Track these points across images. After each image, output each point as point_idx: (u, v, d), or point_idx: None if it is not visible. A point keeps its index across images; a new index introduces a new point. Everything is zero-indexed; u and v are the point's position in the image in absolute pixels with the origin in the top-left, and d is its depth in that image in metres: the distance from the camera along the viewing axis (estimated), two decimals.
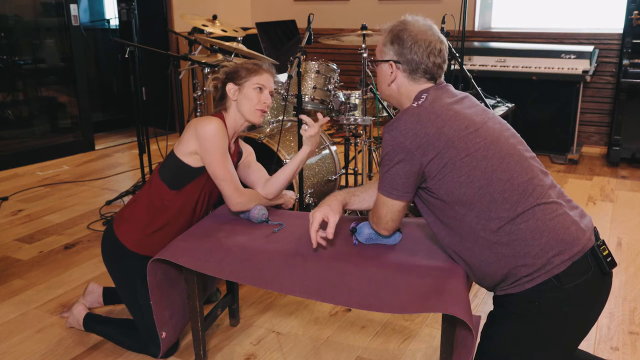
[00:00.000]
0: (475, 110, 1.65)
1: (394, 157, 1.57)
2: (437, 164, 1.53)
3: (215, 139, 2.01)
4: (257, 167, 2.28)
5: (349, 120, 3.25)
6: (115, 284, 2.22)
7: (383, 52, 1.71)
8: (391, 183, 1.59)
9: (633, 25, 4.48)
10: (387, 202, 1.63)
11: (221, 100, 2.15)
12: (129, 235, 2.11)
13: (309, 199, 3.07)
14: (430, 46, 1.65)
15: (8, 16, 4.72)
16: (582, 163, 4.77)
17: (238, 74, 2.12)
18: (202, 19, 4.03)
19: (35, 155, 4.84)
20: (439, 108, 1.58)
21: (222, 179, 2.04)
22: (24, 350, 2.25)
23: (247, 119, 2.13)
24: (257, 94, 2.10)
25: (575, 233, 1.52)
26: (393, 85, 1.71)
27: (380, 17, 5.75)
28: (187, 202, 2.10)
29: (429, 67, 1.66)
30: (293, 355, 2.21)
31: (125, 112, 6.01)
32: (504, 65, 4.70)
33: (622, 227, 3.41)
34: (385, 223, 1.69)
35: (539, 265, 1.50)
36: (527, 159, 1.59)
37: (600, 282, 1.55)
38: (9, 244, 3.23)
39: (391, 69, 1.69)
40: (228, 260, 1.84)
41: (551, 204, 1.54)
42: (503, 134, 1.61)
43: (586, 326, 1.59)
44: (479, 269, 1.60)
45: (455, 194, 1.54)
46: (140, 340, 2.16)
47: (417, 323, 2.41)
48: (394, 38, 1.67)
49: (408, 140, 1.54)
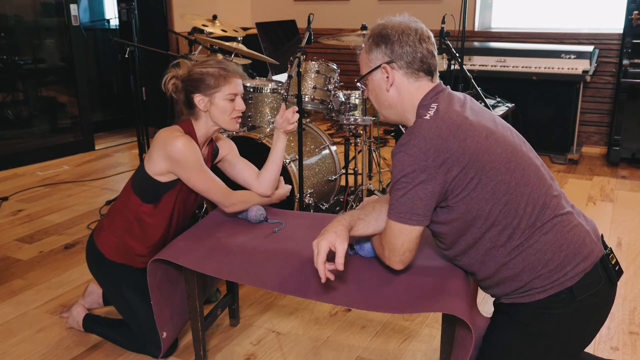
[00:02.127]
0: (483, 115, 1.54)
1: (414, 178, 1.41)
2: (462, 179, 1.42)
3: (187, 156, 1.95)
4: (244, 164, 2.23)
5: (349, 120, 3.25)
6: (104, 292, 2.22)
7: (370, 60, 1.57)
8: (411, 207, 1.44)
9: (633, 25, 4.47)
10: (404, 230, 1.47)
11: (189, 108, 2.04)
12: (107, 244, 2.12)
13: (309, 199, 3.07)
14: (418, 33, 1.53)
15: (8, 16, 4.72)
16: (582, 163, 4.77)
17: (206, 83, 1.99)
18: (202, 19, 4.03)
19: (35, 155, 4.84)
20: (455, 117, 1.45)
21: (207, 191, 2.03)
22: (24, 350, 2.25)
23: (224, 128, 2.06)
24: (230, 104, 2.02)
25: (590, 245, 1.50)
26: (392, 91, 1.55)
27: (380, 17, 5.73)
28: (162, 213, 2.08)
29: (425, 56, 1.52)
30: (293, 355, 2.21)
31: (125, 112, 6.00)
32: (504, 65, 4.70)
33: (622, 227, 3.41)
34: (401, 255, 1.51)
35: (554, 278, 1.47)
36: (540, 168, 1.53)
37: (609, 293, 1.53)
38: (9, 244, 3.23)
39: (385, 73, 1.54)
40: (228, 260, 1.84)
41: (567, 215, 1.50)
42: (517, 142, 1.53)
43: (591, 335, 1.58)
44: (490, 280, 1.55)
45: (479, 211, 1.45)
46: (138, 341, 2.16)
47: (417, 323, 2.41)
48: (378, 39, 1.55)
49: (430, 158, 1.40)
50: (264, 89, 3.45)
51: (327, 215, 2.13)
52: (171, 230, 2.14)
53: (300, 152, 2.75)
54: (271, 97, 3.46)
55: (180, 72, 2.05)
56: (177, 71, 2.06)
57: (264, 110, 3.46)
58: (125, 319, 2.17)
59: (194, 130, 2.05)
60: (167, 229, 2.12)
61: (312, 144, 3.32)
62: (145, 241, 2.11)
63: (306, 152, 3.21)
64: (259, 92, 3.44)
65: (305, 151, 3.17)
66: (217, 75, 2.00)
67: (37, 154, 4.85)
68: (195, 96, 2.01)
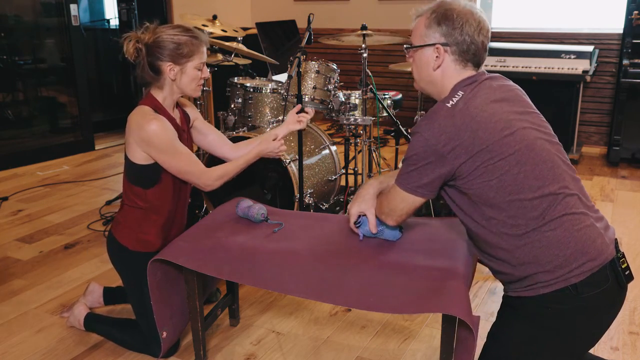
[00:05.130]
0: (516, 107, 1.56)
1: (424, 157, 1.51)
2: (470, 166, 1.49)
3: (161, 139, 1.95)
4: (209, 129, 2.25)
5: (349, 120, 3.25)
6: (124, 285, 2.22)
7: (426, 35, 1.59)
8: (417, 181, 1.55)
9: (633, 25, 4.47)
10: (408, 198, 1.59)
11: (154, 74, 2.00)
12: (128, 236, 2.12)
13: (309, 199, 3.07)
14: (480, 25, 1.56)
15: (8, 16, 4.72)
16: (582, 163, 4.77)
17: (178, 52, 1.97)
18: (202, 19, 4.03)
19: (35, 155, 4.84)
20: (473, 110, 1.50)
21: (184, 172, 2.03)
22: (24, 350, 2.25)
23: (187, 95, 2.07)
24: (198, 72, 2.03)
25: (600, 246, 1.50)
26: (438, 71, 1.60)
27: (380, 17, 5.75)
28: (166, 191, 2.09)
29: (479, 49, 1.58)
30: (293, 355, 2.21)
31: (125, 112, 5.95)
32: (504, 65, 4.70)
33: (622, 227, 3.41)
34: (398, 216, 1.66)
35: (559, 274, 1.48)
36: (561, 166, 1.54)
37: (616, 295, 1.53)
38: (9, 244, 3.23)
39: (437, 53, 1.58)
40: (228, 260, 1.84)
41: (579, 215, 1.51)
42: (540, 137, 1.55)
43: (596, 336, 1.58)
44: (498, 266, 1.59)
45: (484, 196, 1.51)
46: (141, 340, 2.16)
47: (417, 323, 2.41)
48: (441, 18, 1.56)
49: (441, 143, 1.48)
50: (264, 89, 3.45)
51: (327, 215, 2.13)
52: (182, 201, 2.17)
53: (300, 152, 2.75)
54: (271, 97, 3.46)
55: (143, 36, 2.00)
56: (139, 35, 2.00)
57: (264, 110, 3.46)
58: (137, 314, 2.17)
59: (159, 102, 2.04)
60: (176, 202, 2.14)
61: (312, 144, 3.32)
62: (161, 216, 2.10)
63: (306, 152, 3.20)
64: (259, 92, 3.44)
65: (305, 151, 3.17)
66: (190, 44, 1.99)
67: (37, 154, 4.85)
68: (165, 64, 1.98)
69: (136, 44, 1.99)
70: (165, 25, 2.04)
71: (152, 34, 2.00)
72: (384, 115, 3.45)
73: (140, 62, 2.00)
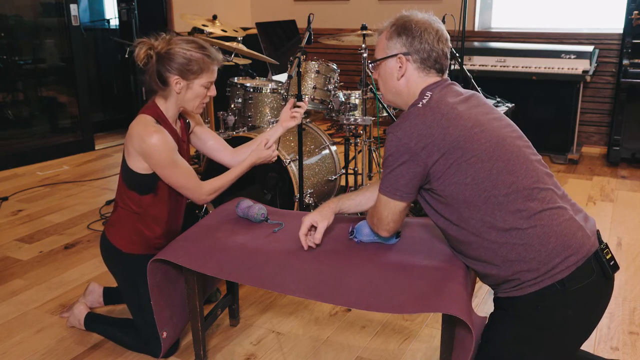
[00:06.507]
0: (482, 109, 1.61)
1: (398, 158, 1.54)
2: (443, 164, 1.51)
3: (161, 152, 1.95)
4: (208, 135, 2.25)
5: (349, 120, 3.25)
6: (119, 287, 2.23)
7: (388, 47, 1.65)
8: (394, 184, 1.57)
9: (633, 25, 4.47)
10: (389, 203, 1.61)
11: (161, 84, 1.99)
12: (122, 238, 2.12)
13: (309, 199, 3.07)
14: (438, 33, 1.62)
15: (8, 16, 4.72)
16: (582, 163, 4.77)
17: (188, 68, 1.95)
18: (202, 19, 4.04)
19: (35, 155, 4.84)
20: (444, 108, 1.55)
21: (180, 186, 2.04)
22: (24, 350, 2.25)
23: (188, 110, 2.07)
24: (205, 90, 2.02)
25: (581, 239, 1.51)
26: (402, 81, 1.65)
27: (380, 17, 5.73)
28: (161, 200, 2.09)
29: (439, 56, 1.62)
30: (293, 355, 2.21)
31: (125, 112, 5.99)
32: (504, 65, 4.70)
33: (622, 227, 3.41)
34: (386, 224, 1.66)
35: (543, 271, 1.49)
36: (533, 162, 1.57)
37: (603, 286, 1.55)
38: (9, 244, 3.23)
39: (400, 63, 1.63)
40: (228, 260, 1.84)
41: (557, 209, 1.52)
42: (509, 135, 1.58)
43: (588, 330, 1.59)
44: (482, 269, 1.60)
45: (460, 196, 1.52)
46: (141, 340, 2.16)
47: (417, 323, 2.41)
48: (401, 29, 1.62)
49: (413, 142, 1.51)
50: (264, 89, 3.45)
51: None
52: (179, 207, 2.17)
53: (300, 152, 2.75)
54: (271, 97, 3.46)
55: (157, 45, 1.98)
56: (153, 42, 2.00)
57: (264, 110, 3.46)
58: (134, 315, 2.17)
59: (162, 112, 2.03)
60: (174, 207, 2.14)
61: (312, 144, 3.32)
62: (156, 224, 2.11)
63: (306, 152, 3.21)
64: (259, 92, 3.44)
65: (305, 151, 3.17)
66: (201, 62, 1.97)
67: (37, 154, 4.85)
68: (173, 77, 1.97)
69: (148, 50, 1.98)
70: (182, 38, 2.03)
71: (166, 44, 1.98)
72: (384, 115, 3.45)
73: (149, 69, 2.00)
